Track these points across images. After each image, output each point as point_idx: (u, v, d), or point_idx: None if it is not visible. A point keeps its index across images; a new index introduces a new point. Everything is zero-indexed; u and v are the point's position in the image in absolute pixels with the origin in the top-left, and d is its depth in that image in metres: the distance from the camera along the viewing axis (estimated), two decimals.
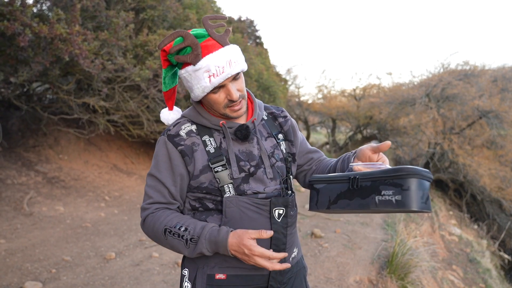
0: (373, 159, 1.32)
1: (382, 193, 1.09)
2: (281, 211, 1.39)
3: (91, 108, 7.01)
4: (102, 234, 4.98)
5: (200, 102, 1.45)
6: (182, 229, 1.30)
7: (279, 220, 1.38)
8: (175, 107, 1.51)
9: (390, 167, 1.17)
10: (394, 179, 1.08)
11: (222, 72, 1.29)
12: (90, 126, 7.57)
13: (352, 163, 1.35)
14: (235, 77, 1.33)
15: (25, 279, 3.58)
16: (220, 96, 1.34)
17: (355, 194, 1.16)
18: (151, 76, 6.11)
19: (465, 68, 13.40)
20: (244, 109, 1.39)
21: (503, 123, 12.04)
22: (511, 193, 11.94)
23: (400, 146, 14.63)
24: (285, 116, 1.57)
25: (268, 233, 1.23)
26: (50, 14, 5.73)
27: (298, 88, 18.86)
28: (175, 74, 1.45)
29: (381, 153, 1.34)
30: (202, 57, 1.29)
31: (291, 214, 1.43)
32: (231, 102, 1.34)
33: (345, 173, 1.25)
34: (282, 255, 1.26)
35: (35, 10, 5.59)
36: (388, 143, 1.29)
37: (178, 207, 1.42)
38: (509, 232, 11.88)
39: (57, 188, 6.31)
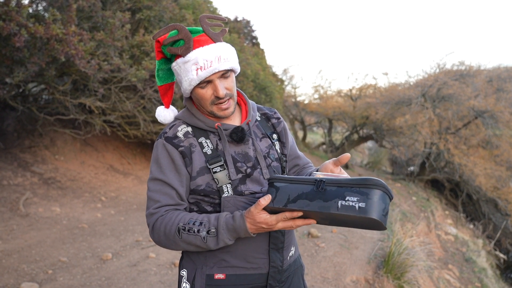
0: (335, 172, 1.35)
1: (346, 199, 1.11)
2: None
3: (87, 109, 6.99)
4: (98, 235, 4.97)
5: (193, 101, 1.46)
6: (197, 223, 1.29)
7: None
8: (171, 106, 1.51)
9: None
10: (360, 188, 1.11)
11: (210, 66, 1.30)
12: (86, 127, 7.55)
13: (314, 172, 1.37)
14: (224, 75, 1.34)
15: (22, 280, 3.57)
16: (207, 92, 1.34)
17: (317, 196, 1.17)
18: (147, 77, 6.10)
19: (460, 68, 13.43)
20: (231, 109, 1.39)
21: (499, 123, 12.09)
22: (507, 193, 12.00)
23: (396, 146, 14.66)
24: (278, 118, 1.59)
25: (266, 199, 1.22)
26: (46, 14, 5.71)
27: (295, 88, 18.81)
28: (171, 70, 1.46)
29: (341, 169, 1.37)
30: (192, 50, 1.31)
31: None
32: (218, 99, 1.34)
33: (311, 176, 1.26)
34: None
35: (30, 10, 5.57)
36: (347, 155, 1.32)
37: (185, 208, 1.40)
38: (505, 232, 11.94)
39: (53, 189, 6.29)
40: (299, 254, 1.60)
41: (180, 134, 1.38)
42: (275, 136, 1.54)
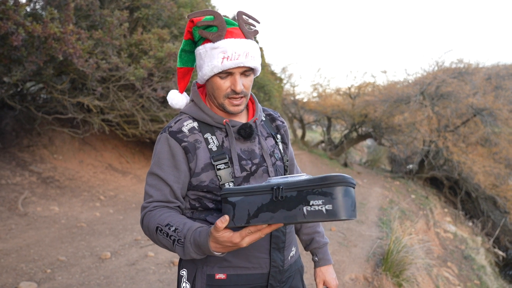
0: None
1: (311, 203, 1.03)
2: None
3: (86, 108, 6.98)
4: (97, 234, 4.96)
5: (201, 95, 1.45)
6: (172, 229, 1.24)
7: None
8: (184, 93, 1.51)
9: (312, 176, 1.10)
10: (322, 188, 1.03)
11: (236, 59, 1.30)
12: (85, 126, 7.54)
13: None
14: (245, 72, 1.34)
15: (20, 279, 3.57)
16: (225, 83, 1.34)
17: (279, 205, 1.07)
18: (145, 75, 6.09)
19: (459, 66, 13.43)
20: (242, 107, 1.39)
21: (497, 121, 12.10)
22: (505, 190, 12.00)
23: (395, 144, 14.66)
24: (283, 121, 1.61)
25: (223, 221, 1.10)
26: (43, 13, 5.70)
27: (293, 86, 18.83)
28: (193, 55, 1.46)
29: None
30: (223, 38, 1.31)
31: None
32: (233, 93, 1.34)
33: (265, 183, 1.14)
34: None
35: (28, 9, 5.56)
36: None
37: (178, 207, 1.38)
38: (504, 229, 11.95)
39: (52, 188, 6.28)
40: (299, 255, 1.59)
41: (185, 129, 1.37)
42: (279, 136, 1.55)
